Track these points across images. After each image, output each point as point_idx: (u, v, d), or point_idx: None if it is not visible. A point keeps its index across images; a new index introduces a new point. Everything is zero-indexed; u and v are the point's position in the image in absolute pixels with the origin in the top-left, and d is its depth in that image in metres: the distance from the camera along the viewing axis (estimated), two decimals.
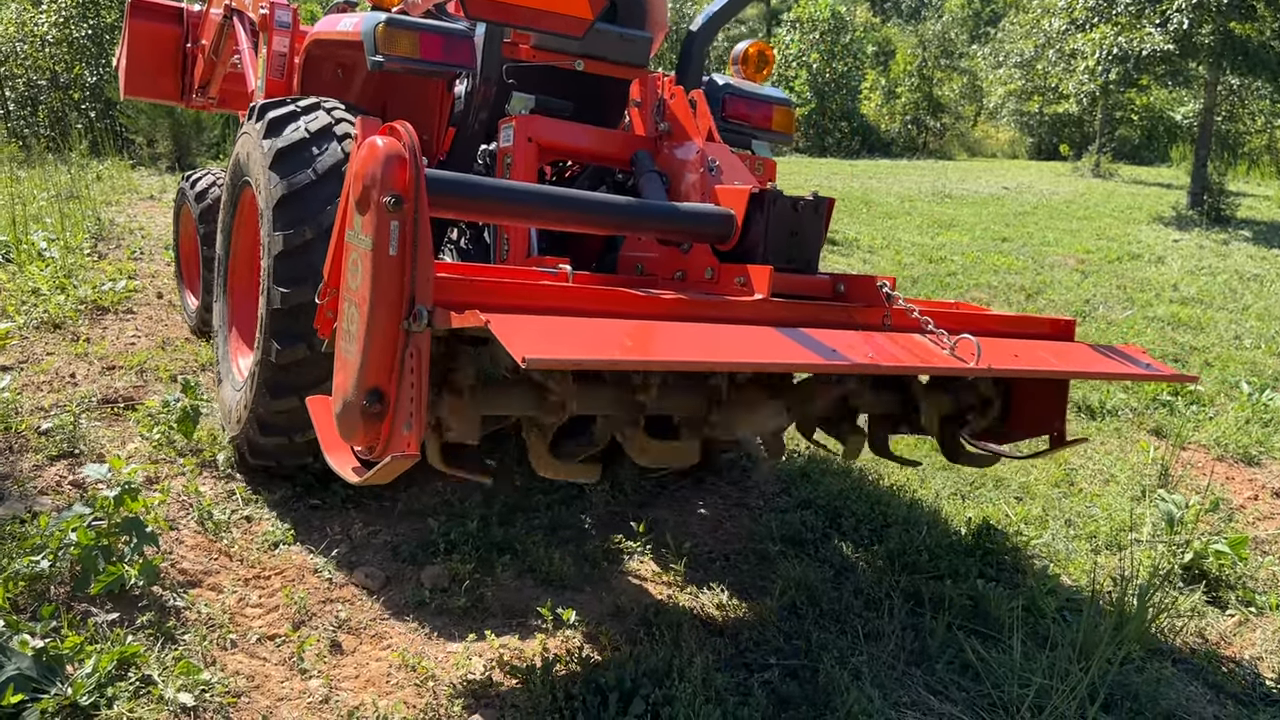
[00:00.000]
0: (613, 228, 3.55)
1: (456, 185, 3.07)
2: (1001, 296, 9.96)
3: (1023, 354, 3.37)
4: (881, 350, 3.02)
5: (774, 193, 3.45)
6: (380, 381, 2.67)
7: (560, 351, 2.35)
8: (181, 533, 4.04)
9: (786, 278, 3.41)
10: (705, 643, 3.56)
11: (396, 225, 2.62)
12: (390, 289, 2.63)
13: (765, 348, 2.84)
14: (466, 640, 3.51)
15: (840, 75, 31.03)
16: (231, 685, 3.13)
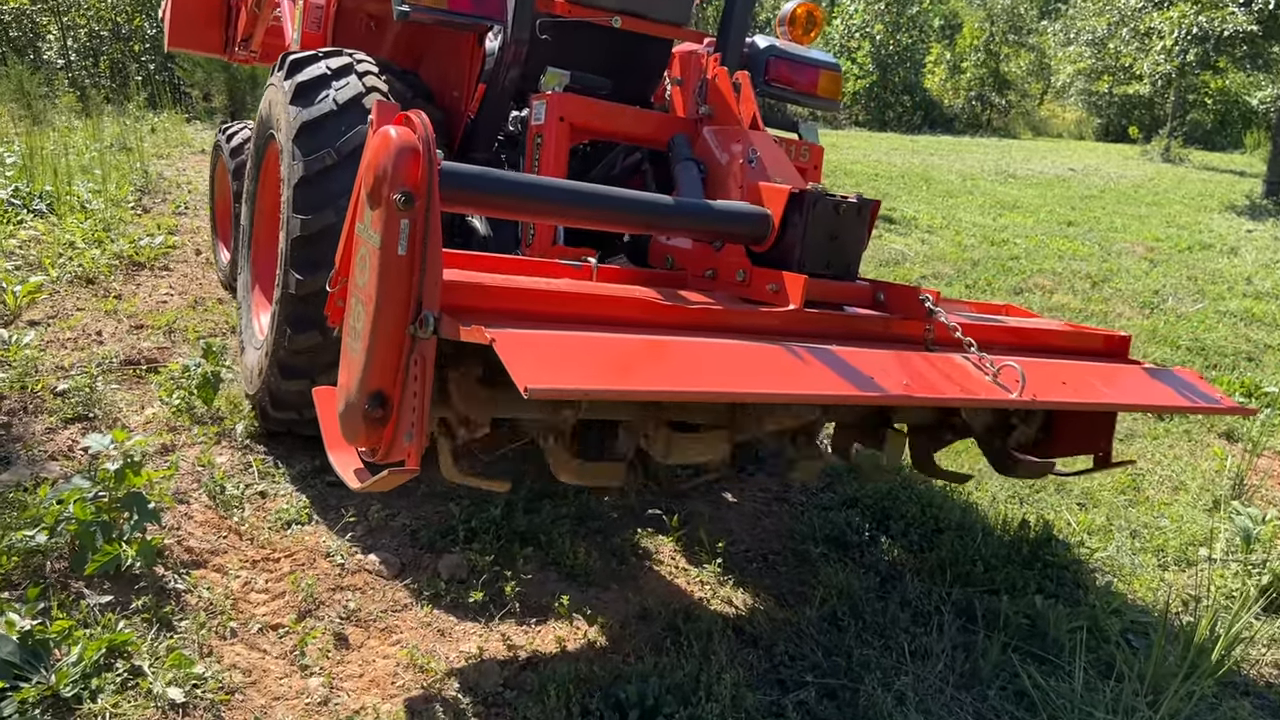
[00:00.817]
0: (641, 226, 3.30)
1: (474, 180, 2.82)
2: (1066, 284, 9.53)
3: (1071, 381, 3.15)
4: (918, 377, 2.81)
5: (815, 194, 3.19)
6: (384, 385, 2.51)
7: (566, 379, 2.18)
8: (191, 507, 3.85)
9: (823, 284, 3.20)
10: (736, 655, 3.29)
11: (407, 224, 2.44)
12: (397, 290, 2.46)
13: (791, 374, 2.61)
14: (480, 639, 3.28)
15: (904, 48, 30.27)
16: (226, 680, 2.92)
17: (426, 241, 2.46)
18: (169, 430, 4.43)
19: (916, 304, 3.19)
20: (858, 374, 2.72)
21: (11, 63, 18.43)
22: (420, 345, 2.47)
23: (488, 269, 3.22)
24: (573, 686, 2.98)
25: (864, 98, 29.73)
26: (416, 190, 2.45)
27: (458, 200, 2.80)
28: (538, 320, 2.62)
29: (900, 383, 2.72)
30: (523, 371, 2.12)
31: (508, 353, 2.19)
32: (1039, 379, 3.03)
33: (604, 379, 2.28)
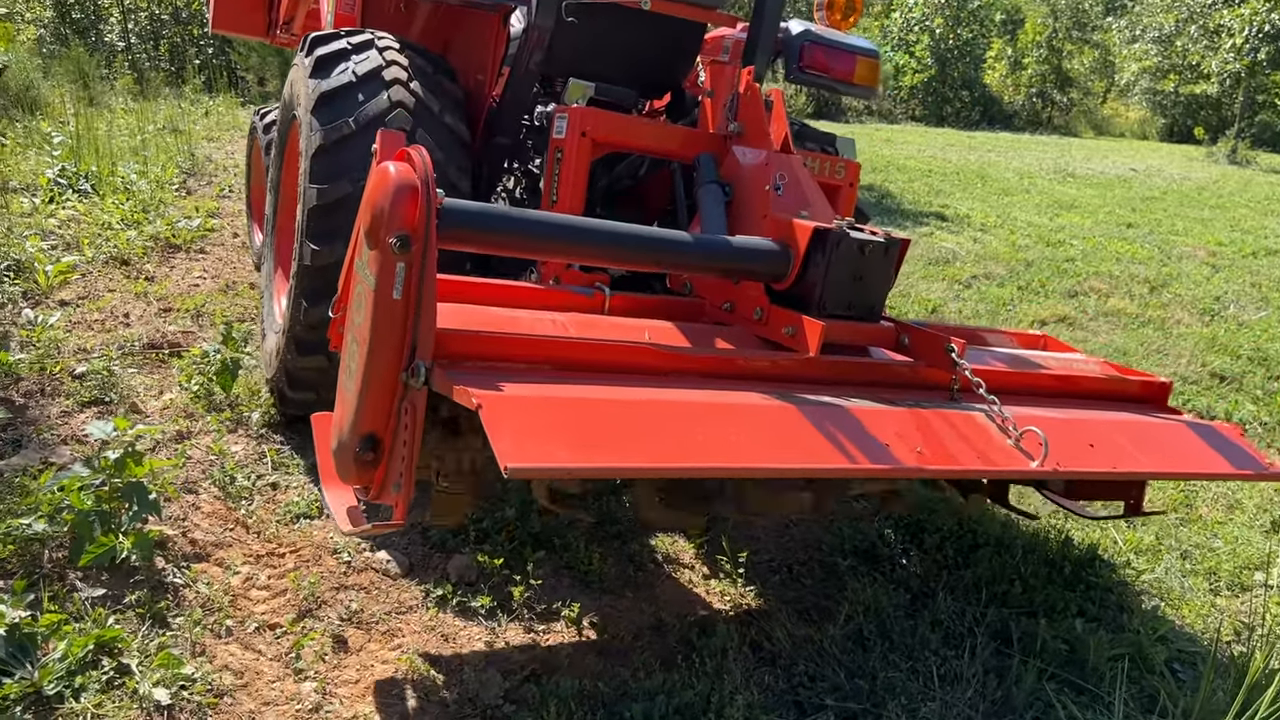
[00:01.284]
0: (652, 265, 3.16)
1: (476, 219, 2.67)
2: (1122, 288, 9.20)
3: (1100, 443, 3.03)
4: (935, 443, 2.71)
5: (839, 233, 3.04)
6: (376, 428, 2.45)
7: (553, 455, 2.13)
8: (200, 498, 3.75)
9: (844, 326, 3.09)
10: (753, 674, 3.12)
11: (403, 268, 2.35)
12: (391, 335, 2.39)
13: (799, 444, 2.52)
14: (485, 646, 3.14)
15: (964, 42, 29.71)
16: (215, 682, 2.81)
17: (422, 285, 2.37)
18: (185, 417, 4.35)
19: (941, 352, 3.07)
20: (871, 441, 2.62)
21: (73, 45, 18.67)
22: (412, 394, 2.40)
23: (491, 299, 3.12)
24: (575, 703, 2.83)
25: (921, 92, 29.22)
26: (414, 233, 2.35)
27: (459, 240, 2.66)
28: (536, 370, 2.58)
29: (914, 451, 2.62)
30: (507, 446, 2.06)
31: (493, 422, 2.12)
32: (1064, 443, 2.91)
33: (594, 453, 2.21)
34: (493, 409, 2.19)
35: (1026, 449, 2.80)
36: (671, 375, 2.82)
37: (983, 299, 8.41)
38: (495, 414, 2.17)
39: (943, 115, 29.07)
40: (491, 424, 2.13)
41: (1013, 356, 3.76)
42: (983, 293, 8.61)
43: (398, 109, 3.85)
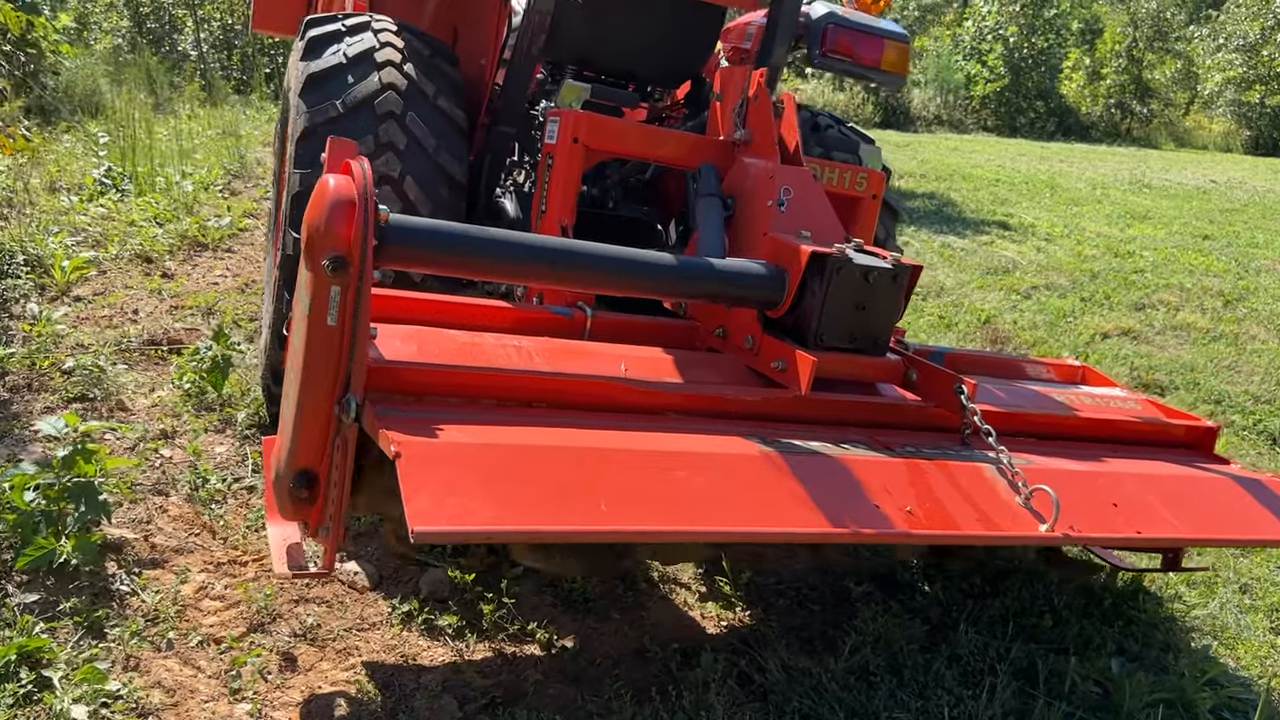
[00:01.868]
0: (631, 290, 2.83)
1: (426, 238, 2.39)
2: (1194, 301, 8.67)
3: (1125, 502, 2.72)
4: (929, 502, 2.42)
5: (840, 258, 2.74)
6: (311, 463, 2.27)
7: (475, 516, 1.89)
8: (169, 500, 3.55)
9: (843, 360, 2.83)
10: (737, 711, 2.81)
11: (337, 291, 2.13)
12: (325, 365, 2.18)
13: (767, 500, 2.25)
14: (447, 670, 2.88)
15: (1040, 51, 28.91)
16: (142, 701, 2.58)
17: (359, 312, 2.14)
18: (171, 416, 4.17)
19: (951, 394, 2.79)
20: (853, 499, 2.34)
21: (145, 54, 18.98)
22: (345, 430, 2.19)
23: (457, 319, 2.88)
24: None
25: (994, 102, 28.47)
26: (349, 254, 2.12)
27: (406, 260, 2.41)
28: (484, 409, 2.36)
29: (903, 511, 2.34)
30: (423, 504, 1.84)
31: (412, 474, 1.90)
32: (1082, 502, 2.62)
33: (528, 514, 1.96)
34: (413, 458, 1.95)
35: (1037, 509, 2.50)
36: (643, 413, 2.56)
37: (1041, 310, 7.97)
38: (415, 464, 1.94)
39: (1016, 126, 28.30)
40: (409, 476, 1.90)
41: (1037, 395, 3.43)
42: (1042, 304, 8.17)
43: (388, 91, 3.63)
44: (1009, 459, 2.61)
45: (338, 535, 2.29)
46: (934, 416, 2.95)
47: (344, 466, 2.21)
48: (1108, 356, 6.88)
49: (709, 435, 2.47)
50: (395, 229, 2.31)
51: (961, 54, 29.10)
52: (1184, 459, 3.26)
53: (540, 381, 2.50)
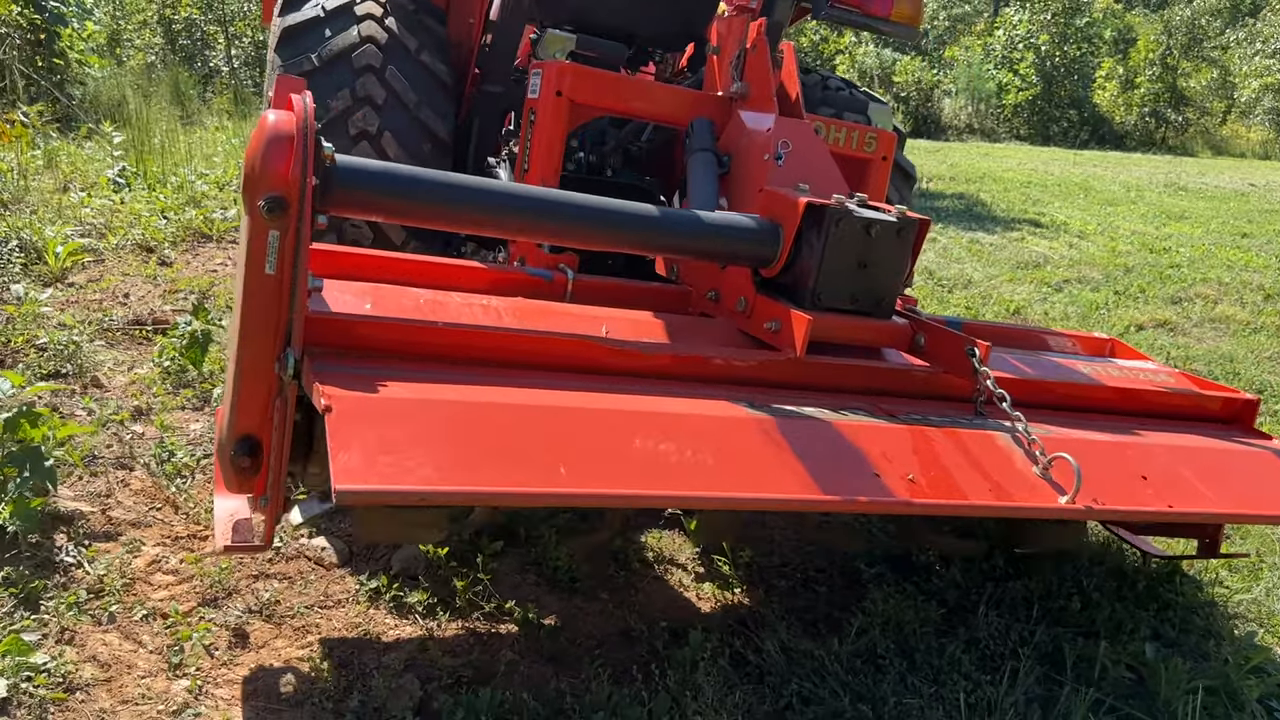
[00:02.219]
0: (607, 243, 2.54)
1: (376, 181, 2.16)
2: (1233, 294, 8.32)
3: (1155, 474, 2.45)
4: (934, 471, 2.18)
5: (839, 210, 2.47)
6: (253, 429, 2.06)
7: (411, 476, 1.67)
8: (133, 474, 3.34)
9: (843, 321, 2.56)
10: (730, 692, 2.55)
11: (275, 236, 1.92)
12: (264, 319, 1.96)
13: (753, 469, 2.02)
14: (414, 648, 2.63)
15: (1072, 60, 28.49)
16: (72, 676, 2.36)
17: (299, 259, 1.93)
18: (147, 393, 3.97)
19: (962, 357, 2.52)
20: (849, 465, 2.09)
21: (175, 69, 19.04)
22: (288, 388, 1.98)
23: (426, 279, 2.66)
24: (489, 717, 2.30)
25: (1025, 110, 28.05)
26: (287, 194, 1.91)
27: (355, 206, 2.18)
28: (438, 367, 2.12)
29: (904, 480, 2.10)
30: (348, 462, 1.64)
31: (340, 431, 1.70)
32: (1107, 473, 2.36)
33: (462, 476, 1.74)
34: (345, 413, 1.74)
35: (1056, 480, 2.25)
36: (619, 377, 2.31)
37: (1073, 302, 7.65)
38: (346, 420, 1.73)
39: (1049, 135, 27.86)
40: (337, 431, 1.69)
41: (1060, 366, 3.16)
42: (1074, 296, 7.85)
43: (366, 44, 3.44)
44: (1025, 426, 2.35)
45: (278, 505, 2.08)
46: (943, 384, 2.68)
47: (283, 429, 2.00)
48: (1142, 347, 6.54)
49: (691, 399, 2.23)
50: (343, 170, 2.09)
51: (993, 63, 28.73)
52: (1223, 434, 2.98)
53: (505, 339, 2.25)
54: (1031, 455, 2.32)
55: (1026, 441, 2.34)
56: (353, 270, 2.65)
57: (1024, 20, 28.96)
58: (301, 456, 2.19)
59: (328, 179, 2.04)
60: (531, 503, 2.08)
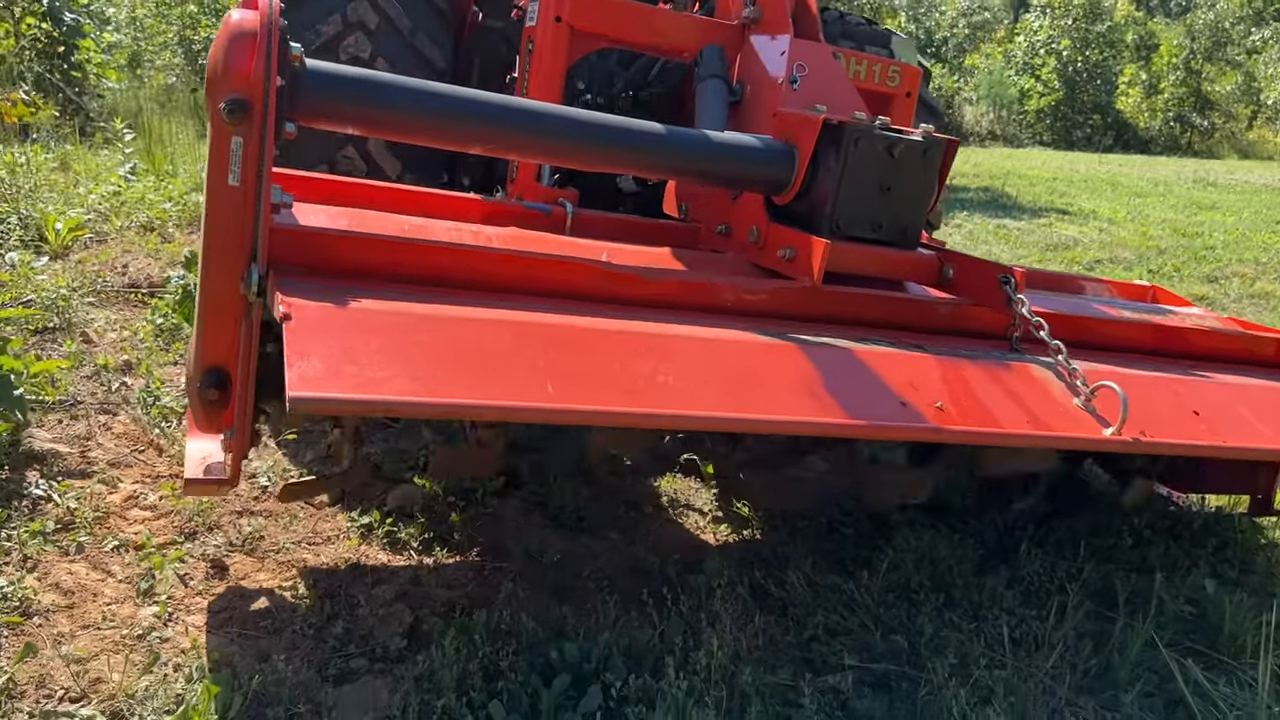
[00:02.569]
0: (603, 162, 2.33)
1: (348, 87, 1.98)
2: (1272, 272, 8.05)
3: (1208, 409, 2.22)
4: (966, 399, 1.96)
5: (859, 128, 2.23)
6: (221, 359, 1.89)
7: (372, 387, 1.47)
8: (116, 419, 3.16)
9: (865, 251, 2.32)
10: (749, 622, 2.32)
11: (239, 143, 1.75)
12: (228, 236, 1.79)
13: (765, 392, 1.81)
14: (406, 581, 2.43)
15: (1093, 65, 28.22)
16: (31, 601, 2.17)
17: (263, 168, 1.75)
18: (134, 349, 3.79)
19: (995, 288, 2.30)
20: (872, 392, 1.88)
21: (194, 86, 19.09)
22: (253, 308, 1.80)
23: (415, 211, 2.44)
24: (482, 637, 2.08)
25: (1049, 116, 27.79)
26: (250, 95, 1.73)
27: (325, 114, 2.00)
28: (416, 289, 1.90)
29: (932, 407, 1.88)
30: (306, 370, 1.46)
31: (298, 339, 1.51)
32: (1156, 406, 2.15)
33: (437, 388, 1.54)
34: (305, 320, 1.56)
35: (1100, 412, 2.02)
36: (618, 305, 2.08)
37: None
38: (306, 328, 1.55)
39: (1072, 140, 27.57)
40: (295, 339, 1.50)
41: (1099, 306, 2.94)
42: (1107, 275, 7.59)
43: None
44: (1066, 357, 2.13)
45: (245, 438, 1.91)
46: (974, 318, 2.44)
47: (249, 352, 1.83)
48: None
49: (686, 326, 2.00)
50: (313, 74, 1.91)
51: (1014, 69, 28.51)
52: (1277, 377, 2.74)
53: (492, 260, 2.03)
54: (1073, 387, 2.09)
55: (1068, 373, 2.12)
56: (335, 198, 2.45)
57: (1044, 26, 28.74)
58: (275, 394, 1.99)
59: (296, 82, 1.87)
60: (515, 417, 1.85)
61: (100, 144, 11.20)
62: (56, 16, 12.46)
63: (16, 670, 1.94)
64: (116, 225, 6.13)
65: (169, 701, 1.90)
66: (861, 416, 1.82)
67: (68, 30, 12.90)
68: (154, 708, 1.88)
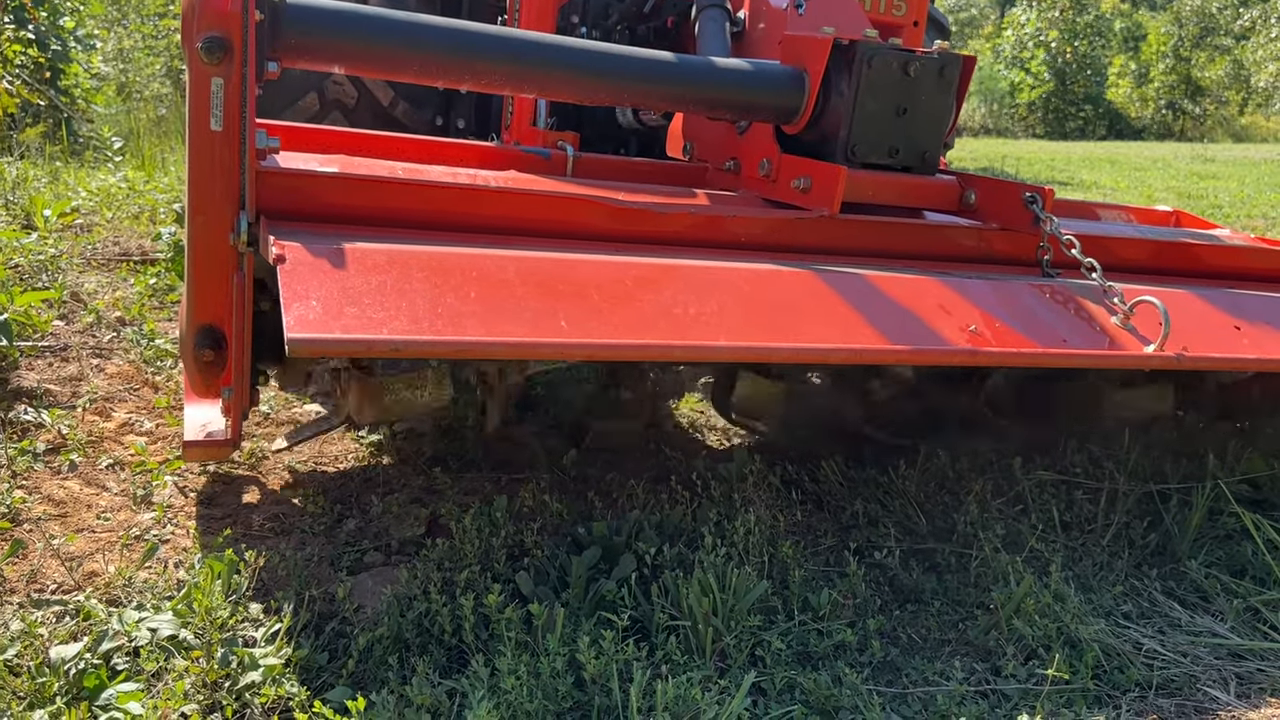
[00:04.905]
0: (604, 95, 2.20)
1: (333, 21, 1.86)
2: None
3: (1250, 327, 2.10)
4: (999, 324, 1.83)
5: (870, 47, 2.10)
6: (215, 318, 1.77)
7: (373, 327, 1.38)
8: (110, 361, 3.03)
9: (882, 178, 2.18)
10: (784, 509, 2.19)
11: (220, 84, 1.64)
12: (213, 181, 1.68)
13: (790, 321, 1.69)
14: (418, 490, 2.29)
15: (1083, 55, 28.25)
16: (17, 511, 2.03)
17: (246, 110, 1.65)
18: (127, 308, 3.67)
19: (1021, 210, 2.16)
20: (901, 317, 1.76)
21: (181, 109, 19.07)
22: (244, 260, 1.69)
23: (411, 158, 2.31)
24: (505, 517, 1.95)
25: (1040, 109, 27.80)
26: (229, 32, 1.63)
27: (310, 53, 1.88)
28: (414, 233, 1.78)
29: (965, 330, 1.77)
30: (304, 311, 1.37)
31: (294, 281, 1.41)
32: (1196, 322, 2.01)
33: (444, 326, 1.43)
34: (301, 262, 1.45)
35: (1139, 330, 1.90)
36: (626, 243, 1.95)
37: None
38: (303, 270, 1.44)
39: (1065, 131, 27.55)
40: (293, 280, 1.40)
41: (1129, 230, 2.82)
42: None
43: None
44: (1101, 275, 1.99)
45: (243, 397, 1.79)
46: (1001, 243, 2.31)
47: (243, 308, 1.71)
48: None
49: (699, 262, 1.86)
50: (293, 8, 1.79)
51: (1003, 63, 28.54)
52: None
53: (491, 200, 1.91)
54: (1109, 305, 1.96)
55: (1103, 290, 1.99)
56: (320, 146, 2.33)
57: (1032, 19, 28.79)
58: (272, 355, 1.87)
59: (276, 18, 1.76)
60: (527, 354, 1.71)
61: (90, 162, 11.14)
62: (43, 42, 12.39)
63: (6, 567, 1.81)
64: (107, 216, 6.01)
65: (169, 588, 1.77)
66: (894, 341, 1.70)
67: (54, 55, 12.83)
68: (154, 594, 1.74)
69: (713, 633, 1.66)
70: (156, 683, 1.53)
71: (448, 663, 1.64)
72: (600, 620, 1.66)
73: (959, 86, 2.25)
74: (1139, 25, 34.45)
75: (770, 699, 1.59)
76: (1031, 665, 1.73)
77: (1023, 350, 1.82)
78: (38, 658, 1.53)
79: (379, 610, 1.71)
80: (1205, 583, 2.04)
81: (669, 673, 1.56)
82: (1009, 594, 1.86)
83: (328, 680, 1.59)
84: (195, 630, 1.60)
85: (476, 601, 1.65)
